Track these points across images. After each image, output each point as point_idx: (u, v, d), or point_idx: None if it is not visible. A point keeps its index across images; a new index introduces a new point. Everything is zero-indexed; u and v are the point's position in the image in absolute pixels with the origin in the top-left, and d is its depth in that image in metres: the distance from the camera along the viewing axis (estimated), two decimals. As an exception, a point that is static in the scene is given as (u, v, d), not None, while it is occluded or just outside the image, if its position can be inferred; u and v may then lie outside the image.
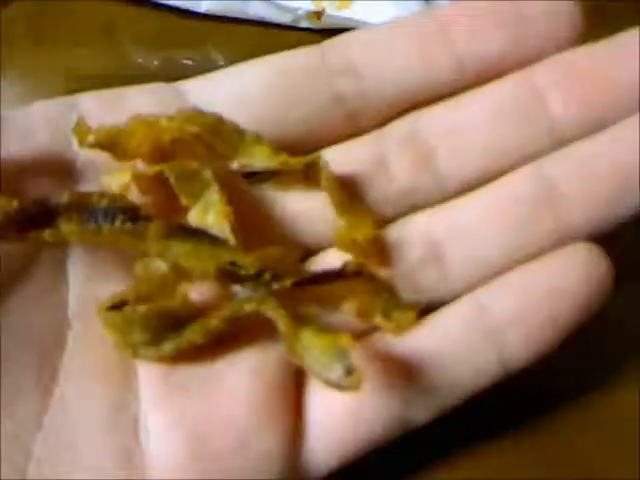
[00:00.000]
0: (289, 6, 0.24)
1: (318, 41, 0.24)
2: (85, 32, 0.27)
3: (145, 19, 0.27)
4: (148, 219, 0.14)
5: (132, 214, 0.14)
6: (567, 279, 0.16)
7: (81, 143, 0.15)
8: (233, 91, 0.17)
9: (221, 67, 0.26)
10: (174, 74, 0.27)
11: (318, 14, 0.24)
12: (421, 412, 0.16)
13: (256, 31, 0.26)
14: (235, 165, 0.16)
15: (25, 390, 0.14)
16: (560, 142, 0.16)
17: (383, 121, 0.17)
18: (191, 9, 0.25)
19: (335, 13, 0.24)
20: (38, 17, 0.27)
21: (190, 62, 0.26)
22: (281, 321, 0.14)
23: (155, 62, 0.26)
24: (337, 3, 0.24)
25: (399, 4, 0.24)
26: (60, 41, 0.27)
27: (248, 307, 0.15)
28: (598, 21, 0.17)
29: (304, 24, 0.25)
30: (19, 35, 0.27)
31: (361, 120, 0.17)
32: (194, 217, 0.16)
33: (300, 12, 0.24)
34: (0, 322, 0.14)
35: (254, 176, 0.17)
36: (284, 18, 0.25)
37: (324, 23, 0.24)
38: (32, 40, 0.27)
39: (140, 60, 0.27)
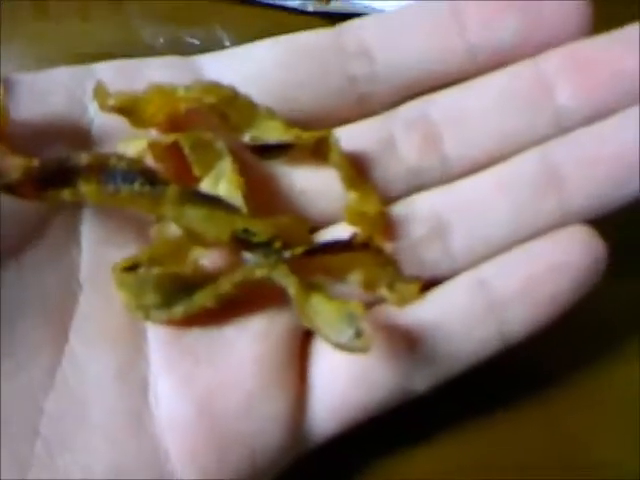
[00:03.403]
0: (297, -11, 0.25)
1: (324, 25, 0.25)
2: (92, 6, 0.27)
3: (154, -4, 0.27)
4: (166, 183, 0.15)
5: (150, 178, 0.15)
6: (567, 258, 0.16)
7: (101, 106, 0.15)
8: (246, 67, 0.17)
9: (227, 48, 0.26)
10: (179, 53, 0.27)
11: (326, -2, 0.24)
12: (422, 381, 0.16)
13: (263, 13, 0.26)
14: (247, 138, 0.17)
15: (37, 347, 0.15)
16: (565, 129, 0.17)
17: (393, 104, 0.18)
18: (200, -11, 0.26)
19: (344, -2, 0.24)
20: (44, -10, 0.27)
21: (196, 41, 0.26)
22: (292, 286, 0.15)
23: (161, 40, 0.27)
24: (345, -12, 0.24)
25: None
26: (66, 15, 0.27)
27: (259, 272, 0.15)
28: (604, 15, 0.18)
29: (311, 8, 0.25)
30: (23, 8, 0.26)
31: (372, 103, 0.18)
32: (206, 187, 0.16)
33: (308, -4, 0.25)
34: (12, 279, 0.15)
35: (264, 151, 0.17)
36: (292, 2, 0.25)
37: (331, 7, 0.24)
38: (37, 14, 0.27)
39: (146, 37, 0.27)
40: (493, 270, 0.17)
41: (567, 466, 0.19)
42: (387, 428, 0.17)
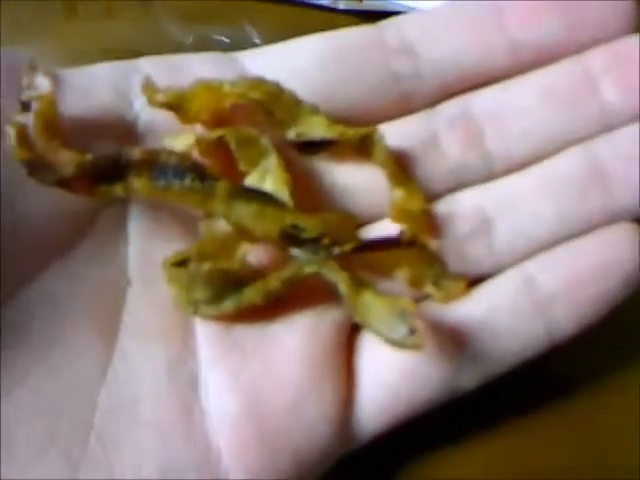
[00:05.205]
0: (329, -13, 0.25)
1: (355, 23, 0.25)
2: (120, 5, 0.27)
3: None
4: (215, 179, 0.15)
5: (201, 173, 0.15)
6: (614, 255, 0.16)
7: (150, 102, 0.15)
8: (288, 63, 0.17)
9: (257, 46, 0.26)
10: (208, 50, 0.27)
11: (359, -4, 0.24)
12: (469, 378, 0.16)
13: (293, 10, 0.26)
14: (292, 134, 0.17)
15: (88, 343, 0.15)
16: (610, 127, 0.17)
17: (436, 102, 0.18)
18: (230, -14, 0.26)
19: (377, -4, 0.24)
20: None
21: (225, 39, 0.26)
22: (343, 283, 0.15)
23: (190, 38, 0.27)
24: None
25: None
26: (94, 13, 0.27)
27: (309, 269, 0.15)
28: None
29: (342, 6, 0.25)
30: (51, 5, 0.27)
31: (415, 100, 0.18)
32: (251, 182, 0.16)
33: (341, -6, 0.25)
34: (62, 274, 0.15)
35: (307, 148, 0.17)
36: (323, 0, 0.25)
37: (364, 5, 0.24)
38: (67, 13, 0.27)
39: (175, 35, 0.27)
40: (539, 267, 0.16)
41: (592, 468, 0.19)
42: (417, 431, 0.17)
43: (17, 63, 0.15)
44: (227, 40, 0.26)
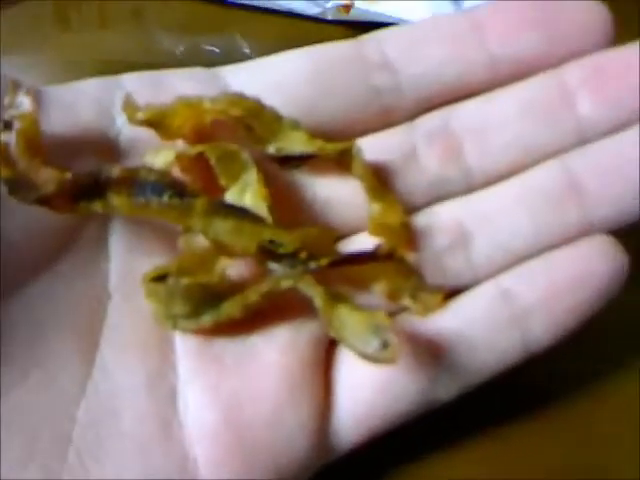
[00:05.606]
0: (318, -2, 0.25)
1: (344, 34, 0.25)
2: (113, 16, 0.27)
3: (174, 5, 0.27)
4: (194, 195, 0.15)
5: (179, 190, 0.15)
6: (588, 267, 0.16)
7: (130, 119, 0.16)
8: (270, 78, 0.18)
9: (247, 56, 0.27)
10: (199, 61, 0.27)
11: (347, 7, 0.24)
12: (446, 390, 0.16)
13: (283, 22, 0.26)
14: (271, 149, 0.17)
15: (68, 358, 0.15)
16: (586, 140, 0.17)
17: (416, 115, 0.18)
18: (220, -3, 0.26)
19: (363, 7, 0.24)
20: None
21: (216, 49, 0.27)
22: (318, 297, 0.15)
23: (180, 48, 0.27)
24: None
25: (428, 1, 0.24)
26: (87, 24, 0.27)
27: (286, 283, 0.15)
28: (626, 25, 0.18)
29: (330, 16, 0.25)
30: (46, 17, 0.27)
31: (395, 114, 0.18)
32: (231, 197, 0.17)
33: (329, 5, 0.25)
34: (44, 290, 0.15)
35: (288, 162, 0.17)
36: (312, 10, 0.25)
37: (352, 16, 0.25)
38: (58, 23, 0.27)
39: (166, 45, 0.27)
40: (515, 279, 0.17)
41: (578, 468, 0.19)
42: (406, 436, 0.17)
43: None
44: (217, 50, 0.27)
